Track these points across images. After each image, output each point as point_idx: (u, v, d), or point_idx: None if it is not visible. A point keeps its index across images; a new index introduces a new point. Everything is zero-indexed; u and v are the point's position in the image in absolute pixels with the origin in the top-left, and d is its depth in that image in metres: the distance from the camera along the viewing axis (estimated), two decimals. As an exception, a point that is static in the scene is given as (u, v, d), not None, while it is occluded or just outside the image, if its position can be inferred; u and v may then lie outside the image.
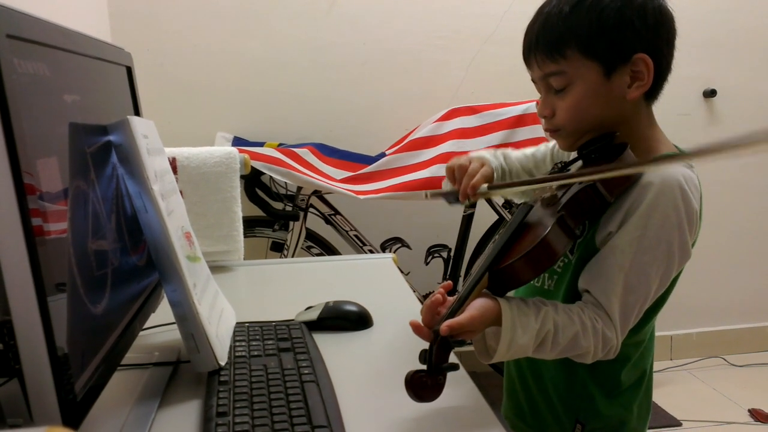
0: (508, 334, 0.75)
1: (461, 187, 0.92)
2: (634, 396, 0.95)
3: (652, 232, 0.80)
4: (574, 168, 0.90)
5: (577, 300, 0.85)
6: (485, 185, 0.90)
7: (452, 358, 0.76)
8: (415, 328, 0.78)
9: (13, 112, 0.52)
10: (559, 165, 0.94)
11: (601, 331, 0.80)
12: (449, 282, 0.84)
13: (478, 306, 0.75)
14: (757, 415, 2.33)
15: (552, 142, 1.06)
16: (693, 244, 0.85)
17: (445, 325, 0.72)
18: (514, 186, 0.94)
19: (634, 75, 0.84)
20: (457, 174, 0.94)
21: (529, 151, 1.11)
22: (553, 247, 0.77)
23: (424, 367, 0.74)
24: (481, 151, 1.09)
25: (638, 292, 0.82)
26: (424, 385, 0.73)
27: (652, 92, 0.88)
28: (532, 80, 0.92)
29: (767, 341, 2.91)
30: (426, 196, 1.10)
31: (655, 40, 0.85)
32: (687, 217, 0.82)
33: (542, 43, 0.86)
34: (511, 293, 0.82)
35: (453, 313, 0.75)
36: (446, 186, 0.98)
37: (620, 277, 0.81)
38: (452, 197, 0.94)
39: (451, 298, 0.79)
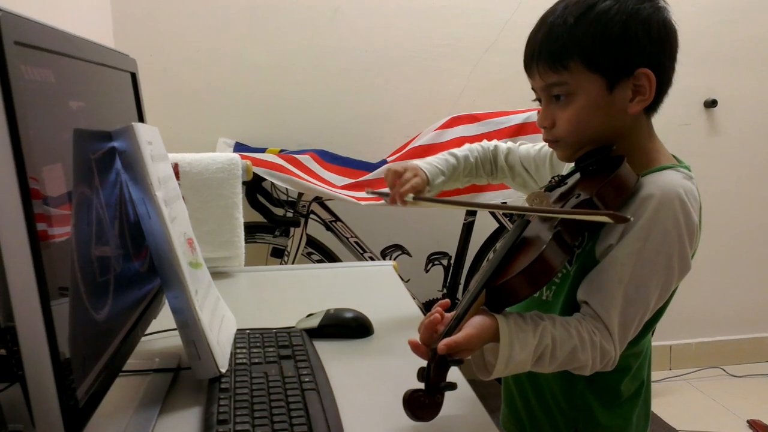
0: (506, 351, 0.75)
1: (391, 193, 1.03)
2: (633, 407, 0.95)
3: (652, 244, 0.80)
4: (571, 181, 0.90)
5: (576, 311, 0.84)
6: (411, 195, 1.00)
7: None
8: (414, 346, 0.77)
9: (19, 119, 0.52)
10: (556, 179, 0.94)
11: (599, 343, 0.79)
12: (447, 300, 0.84)
13: (475, 324, 0.75)
14: (755, 426, 2.32)
15: None
16: (692, 256, 0.85)
17: (442, 344, 0.71)
18: (438, 203, 1.00)
19: (636, 89, 0.84)
20: (389, 179, 1.05)
21: (534, 148, 1.12)
22: (551, 263, 0.76)
23: (422, 385, 0.73)
24: (467, 146, 1.16)
25: (638, 304, 0.81)
26: (422, 404, 0.72)
27: (653, 105, 0.88)
28: (533, 89, 0.92)
29: (766, 352, 2.91)
30: (366, 191, 1.24)
31: (658, 54, 0.85)
32: (687, 229, 0.81)
33: (545, 54, 0.85)
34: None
35: (450, 331, 0.74)
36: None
37: (620, 290, 0.81)
38: (387, 199, 1.05)
39: (449, 316, 0.79)
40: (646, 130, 0.90)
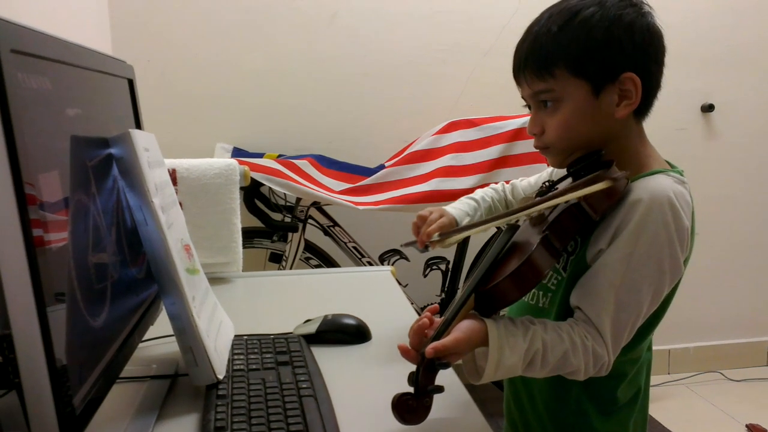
0: (495, 354, 0.75)
1: (418, 235, 1.04)
2: (629, 413, 0.94)
3: (642, 249, 0.80)
4: (561, 186, 0.91)
5: (570, 317, 0.85)
6: (437, 234, 0.99)
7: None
8: (403, 351, 0.77)
9: (16, 127, 0.52)
10: (547, 184, 0.95)
11: (592, 348, 0.79)
12: (436, 305, 0.84)
13: (463, 328, 0.75)
14: (754, 431, 2.32)
15: None
16: (686, 261, 0.85)
17: (430, 348, 0.72)
18: (464, 231, 0.97)
19: (622, 94, 0.85)
20: (418, 223, 1.06)
21: (533, 179, 1.14)
22: (538, 266, 0.77)
23: (412, 389, 0.73)
24: (480, 190, 1.19)
25: (630, 309, 0.81)
26: (410, 408, 0.73)
27: (642, 110, 0.88)
28: (522, 97, 0.93)
29: (765, 356, 2.91)
30: (401, 245, 1.28)
31: (643, 58, 0.85)
32: (677, 234, 0.81)
33: (531, 62, 0.86)
34: (503, 311, 0.82)
35: (439, 335, 0.74)
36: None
37: (611, 295, 0.81)
38: (416, 245, 1.05)
39: (438, 320, 0.79)
40: (637, 135, 0.90)
